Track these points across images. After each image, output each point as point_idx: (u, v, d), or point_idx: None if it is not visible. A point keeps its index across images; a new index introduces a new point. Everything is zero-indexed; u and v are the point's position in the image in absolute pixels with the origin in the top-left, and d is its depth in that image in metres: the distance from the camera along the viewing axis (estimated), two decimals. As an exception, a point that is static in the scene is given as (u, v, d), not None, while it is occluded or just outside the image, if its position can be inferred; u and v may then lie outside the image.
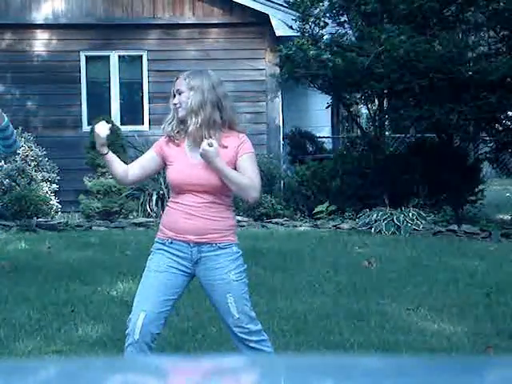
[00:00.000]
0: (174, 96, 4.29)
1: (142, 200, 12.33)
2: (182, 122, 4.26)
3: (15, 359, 5.12)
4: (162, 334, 5.83)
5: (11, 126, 5.49)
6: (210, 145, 4.13)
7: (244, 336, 4.29)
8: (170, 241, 4.27)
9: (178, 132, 4.29)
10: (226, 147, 4.24)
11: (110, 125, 4.34)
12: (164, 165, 4.34)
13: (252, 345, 4.29)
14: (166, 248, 4.28)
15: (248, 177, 4.22)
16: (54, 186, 12.72)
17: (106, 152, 4.29)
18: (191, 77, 4.31)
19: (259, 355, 4.21)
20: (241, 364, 2.29)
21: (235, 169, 4.23)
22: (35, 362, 3.43)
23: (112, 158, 4.34)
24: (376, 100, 13.29)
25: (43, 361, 3.89)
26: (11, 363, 2.93)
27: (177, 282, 4.29)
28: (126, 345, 4.29)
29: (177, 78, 4.36)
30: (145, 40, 13.55)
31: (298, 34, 12.59)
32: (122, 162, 4.41)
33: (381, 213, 11.34)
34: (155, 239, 4.35)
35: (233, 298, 4.27)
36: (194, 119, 4.20)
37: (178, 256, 4.26)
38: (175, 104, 4.27)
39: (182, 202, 4.26)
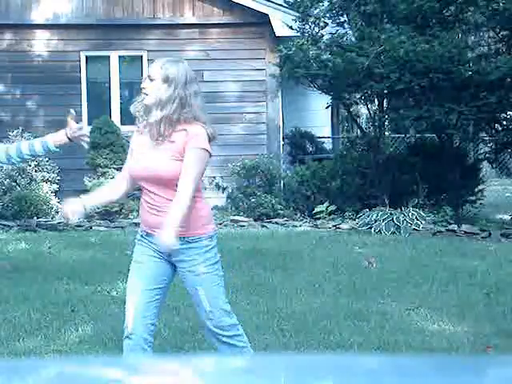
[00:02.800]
0: (146, 80, 4.23)
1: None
2: (147, 108, 4.22)
3: (15, 359, 5.12)
4: (162, 334, 5.85)
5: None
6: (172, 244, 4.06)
7: (216, 330, 4.26)
8: (145, 233, 4.30)
9: (141, 115, 4.26)
10: (173, 142, 4.17)
11: (79, 210, 4.28)
12: None
13: (225, 339, 4.26)
14: (143, 239, 4.31)
15: (180, 195, 4.09)
16: (54, 186, 12.72)
17: (84, 210, 4.28)
18: (167, 67, 4.20)
19: (260, 356, 4.21)
20: (241, 364, 2.29)
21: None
22: (35, 362, 3.43)
23: (95, 201, 4.45)
24: (376, 100, 13.29)
25: (43, 361, 3.89)
26: (11, 363, 2.93)
27: (160, 270, 4.29)
28: (123, 338, 4.31)
29: (153, 63, 4.29)
30: (145, 40, 13.55)
31: (298, 34, 12.59)
32: (102, 190, 4.48)
33: (381, 213, 11.34)
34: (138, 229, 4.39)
35: (203, 290, 4.24)
36: (157, 111, 4.15)
37: (153, 246, 4.26)
38: (144, 88, 4.21)
39: (145, 198, 4.26)
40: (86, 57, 13.56)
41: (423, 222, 11.32)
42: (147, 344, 4.30)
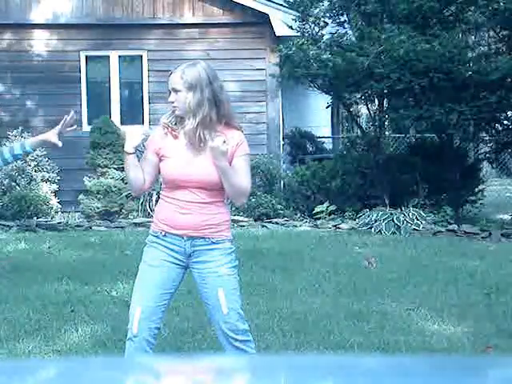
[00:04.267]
0: (170, 93, 4.24)
1: (141, 200, 12.33)
2: (181, 118, 4.23)
3: (15, 359, 5.12)
4: (162, 334, 5.84)
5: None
6: (224, 144, 4.11)
7: (230, 333, 4.26)
8: (163, 233, 4.25)
9: (175, 124, 4.26)
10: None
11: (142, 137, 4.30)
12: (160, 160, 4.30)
13: (237, 344, 4.25)
14: (159, 241, 4.27)
15: (244, 181, 4.20)
16: (54, 186, 12.72)
17: (132, 152, 4.27)
18: (187, 74, 4.20)
19: (260, 356, 4.21)
20: (241, 364, 2.29)
21: None
22: (35, 361, 3.42)
23: (136, 162, 4.32)
24: (376, 100, 13.28)
25: (43, 361, 3.89)
26: (11, 363, 2.92)
27: (172, 275, 4.28)
28: (126, 339, 4.31)
29: (171, 73, 4.28)
30: (145, 40, 13.55)
31: (298, 33, 12.59)
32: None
33: (381, 213, 11.33)
34: (150, 231, 4.34)
35: (223, 292, 4.26)
36: (191, 119, 4.16)
37: (171, 249, 4.25)
38: (173, 102, 4.22)
39: (178, 198, 4.24)
40: (86, 56, 13.55)
41: (423, 222, 11.32)
42: (149, 346, 4.31)
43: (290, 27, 12.71)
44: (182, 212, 4.23)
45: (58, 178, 12.84)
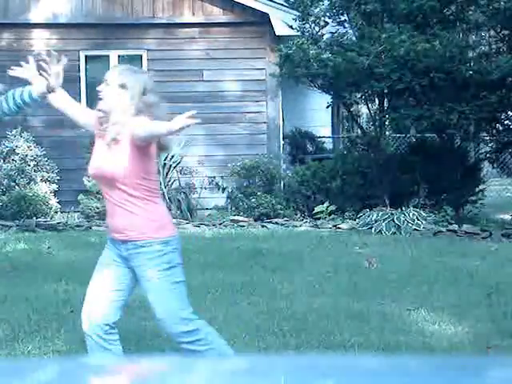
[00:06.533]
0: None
1: (141, 200, 12.30)
2: (101, 112, 4.24)
3: (15, 359, 5.11)
4: (162, 334, 5.83)
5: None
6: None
7: (173, 337, 4.25)
8: (109, 236, 4.36)
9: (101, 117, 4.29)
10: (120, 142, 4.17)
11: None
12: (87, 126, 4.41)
13: (184, 346, 4.21)
14: (109, 242, 4.36)
15: (157, 126, 4.02)
16: (54, 186, 12.71)
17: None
18: (125, 75, 4.20)
19: (260, 356, 4.20)
20: (240, 364, 2.28)
21: (137, 150, 4.11)
22: (35, 362, 3.42)
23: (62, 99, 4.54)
24: (376, 100, 13.28)
25: (43, 361, 3.89)
26: (11, 363, 2.92)
27: (119, 273, 4.29)
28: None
29: (111, 68, 4.37)
30: (144, 39, 13.54)
31: (298, 33, 12.58)
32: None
33: (381, 213, 11.33)
34: None
35: (153, 296, 4.20)
36: (111, 116, 4.17)
37: (113, 251, 4.29)
38: (99, 91, 4.22)
39: (105, 197, 4.28)
40: (86, 56, 13.55)
41: (424, 222, 11.31)
42: (108, 342, 4.30)
43: (290, 27, 12.70)
44: (108, 214, 4.29)
45: (58, 177, 12.83)
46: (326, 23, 12.73)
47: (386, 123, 13.36)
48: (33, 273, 8.10)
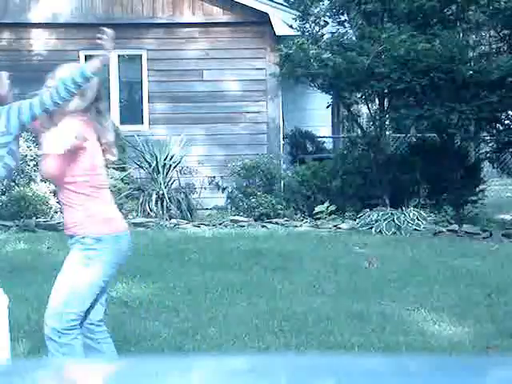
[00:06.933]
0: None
1: (141, 200, 12.31)
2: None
3: (15, 359, 5.10)
4: (162, 334, 5.83)
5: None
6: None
7: (45, 328, 4.35)
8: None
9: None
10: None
11: None
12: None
13: (45, 338, 4.32)
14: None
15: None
16: (53, 185, 12.70)
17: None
18: (61, 69, 4.34)
19: (260, 356, 4.19)
20: (240, 364, 2.27)
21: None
22: (35, 362, 3.42)
23: None
24: (376, 99, 13.28)
25: (43, 361, 3.89)
26: (11, 363, 2.92)
27: None
28: None
29: (63, 65, 4.43)
30: (144, 39, 13.54)
31: (299, 33, 12.59)
32: None
33: (381, 213, 11.32)
34: None
35: (57, 282, 4.28)
36: (54, 113, 4.26)
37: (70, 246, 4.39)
38: (48, 87, 4.32)
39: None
40: (85, 56, 13.54)
41: (424, 222, 11.30)
42: (94, 341, 4.33)
43: (290, 26, 12.70)
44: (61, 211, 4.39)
45: (58, 177, 12.82)
46: (326, 23, 12.73)
47: (386, 123, 13.35)
48: (32, 273, 8.09)
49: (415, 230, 11.11)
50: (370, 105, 13.49)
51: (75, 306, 4.23)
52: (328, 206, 12.16)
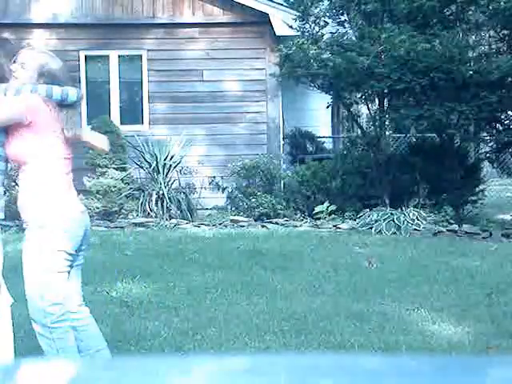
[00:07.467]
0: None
1: (141, 200, 12.32)
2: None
3: (16, 359, 5.10)
4: (162, 334, 5.83)
5: None
6: None
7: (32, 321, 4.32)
8: None
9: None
10: None
11: None
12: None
13: (38, 336, 4.30)
14: None
15: None
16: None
17: None
18: (37, 59, 4.28)
19: (260, 356, 4.19)
20: (240, 364, 2.28)
21: (18, 128, 4.22)
22: (36, 362, 3.41)
23: None
24: (376, 100, 13.27)
25: (44, 361, 3.88)
26: (12, 363, 2.92)
27: None
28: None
29: (30, 49, 4.49)
30: (144, 39, 13.54)
31: (298, 33, 12.59)
32: None
33: (381, 213, 11.32)
34: None
35: (24, 277, 4.34)
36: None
37: None
38: (14, 72, 4.29)
39: None
40: (86, 56, 13.55)
41: (424, 222, 11.31)
42: (77, 331, 4.35)
43: (290, 27, 12.70)
44: None
45: (58, 177, 12.82)
46: (326, 23, 12.73)
47: (386, 123, 13.35)
48: (33, 273, 8.08)
49: (415, 229, 11.11)
50: (369, 105, 13.49)
51: (50, 296, 4.19)
52: (328, 206, 12.17)
